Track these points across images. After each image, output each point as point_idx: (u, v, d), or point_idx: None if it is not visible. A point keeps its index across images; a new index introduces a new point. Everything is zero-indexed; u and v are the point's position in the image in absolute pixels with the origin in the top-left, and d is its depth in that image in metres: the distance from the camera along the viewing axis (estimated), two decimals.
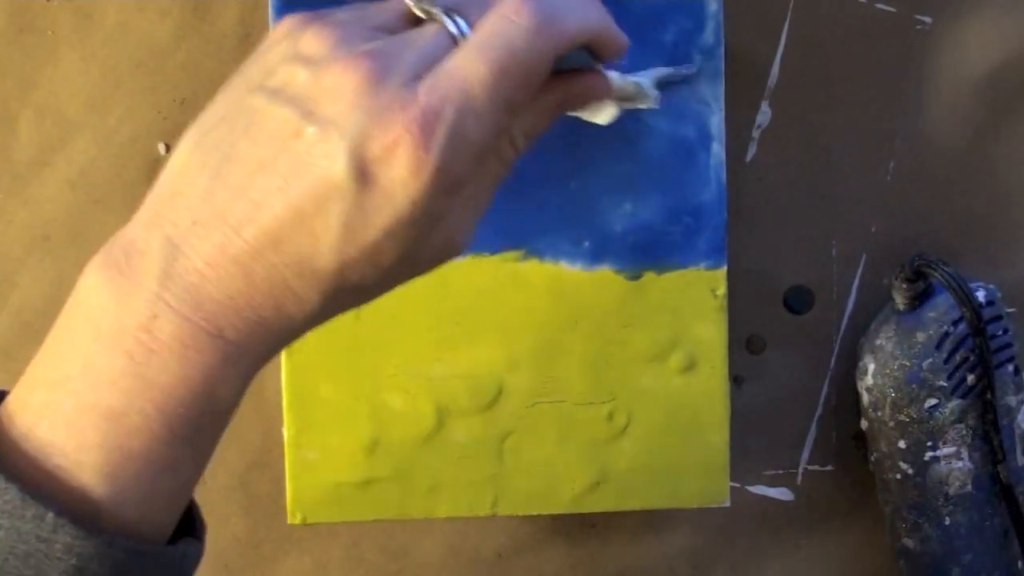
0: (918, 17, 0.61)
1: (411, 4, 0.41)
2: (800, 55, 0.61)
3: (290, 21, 0.41)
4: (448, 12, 0.40)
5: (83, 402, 0.38)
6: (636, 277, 0.57)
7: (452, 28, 0.40)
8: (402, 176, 0.37)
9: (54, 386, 0.38)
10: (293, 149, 0.37)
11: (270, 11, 0.55)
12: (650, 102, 0.52)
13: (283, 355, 0.56)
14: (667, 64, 0.56)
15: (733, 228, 0.59)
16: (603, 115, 0.50)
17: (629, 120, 0.56)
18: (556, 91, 0.43)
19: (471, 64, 0.38)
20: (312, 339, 0.55)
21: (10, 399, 0.39)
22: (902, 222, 0.62)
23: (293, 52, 0.39)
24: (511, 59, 0.38)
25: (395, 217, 0.38)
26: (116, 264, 0.38)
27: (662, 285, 0.57)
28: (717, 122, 0.56)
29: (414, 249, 0.39)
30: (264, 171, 0.38)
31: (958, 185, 0.62)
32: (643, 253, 0.57)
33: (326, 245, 0.38)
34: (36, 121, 0.59)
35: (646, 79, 0.53)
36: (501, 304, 0.57)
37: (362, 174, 0.37)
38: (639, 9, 0.55)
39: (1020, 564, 0.61)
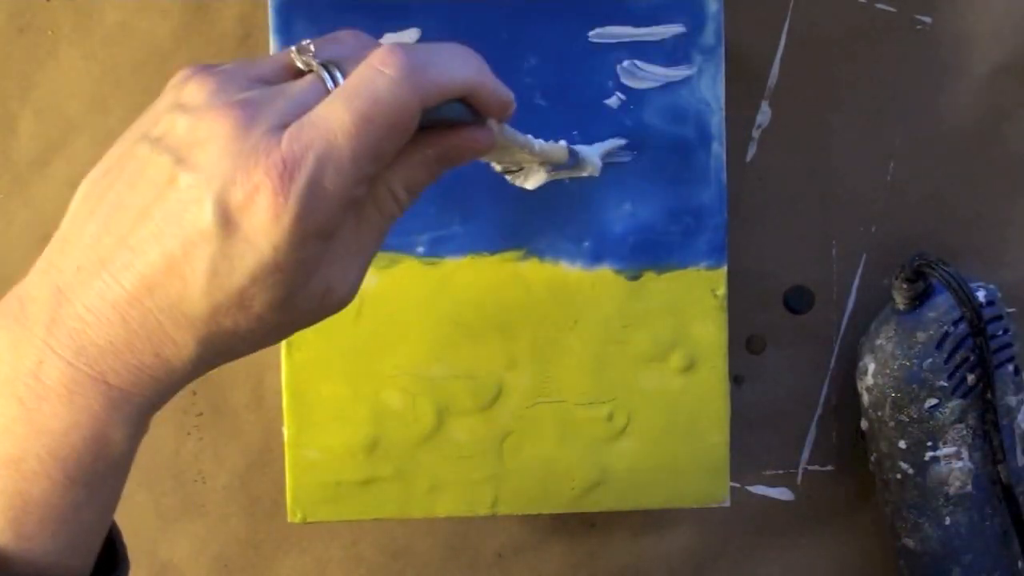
0: (918, 17, 0.61)
1: (293, 56, 0.42)
2: (800, 55, 0.61)
3: (180, 72, 0.42)
4: (327, 64, 0.41)
5: None
6: (636, 277, 0.57)
7: (327, 79, 0.41)
8: (263, 222, 0.38)
9: None
10: (168, 196, 0.38)
11: (270, 11, 0.55)
12: (591, 170, 0.54)
13: (283, 355, 0.56)
14: (668, 65, 0.56)
15: (733, 228, 0.59)
16: (531, 180, 0.52)
17: (629, 120, 0.56)
18: (433, 144, 0.43)
19: (335, 113, 0.39)
20: (312, 339, 0.56)
21: None
22: (902, 222, 0.62)
23: (176, 101, 0.40)
24: (374, 108, 0.39)
25: (259, 263, 0.38)
26: (11, 312, 0.39)
27: (662, 285, 0.57)
28: (717, 122, 0.56)
29: (286, 297, 0.40)
30: (143, 219, 0.39)
31: (958, 185, 0.62)
32: (643, 253, 0.57)
33: (196, 291, 0.38)
34: (36, 121, 0.59)
35: (587, 148, 0.54)
36: (501, 304, 0.57)
37: (226, 220, 0.38)
38: (639, 9, 0.55)
39: (1020, 564, 0.61)
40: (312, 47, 0.42)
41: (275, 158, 0.38)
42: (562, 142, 0.52)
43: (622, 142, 0.56)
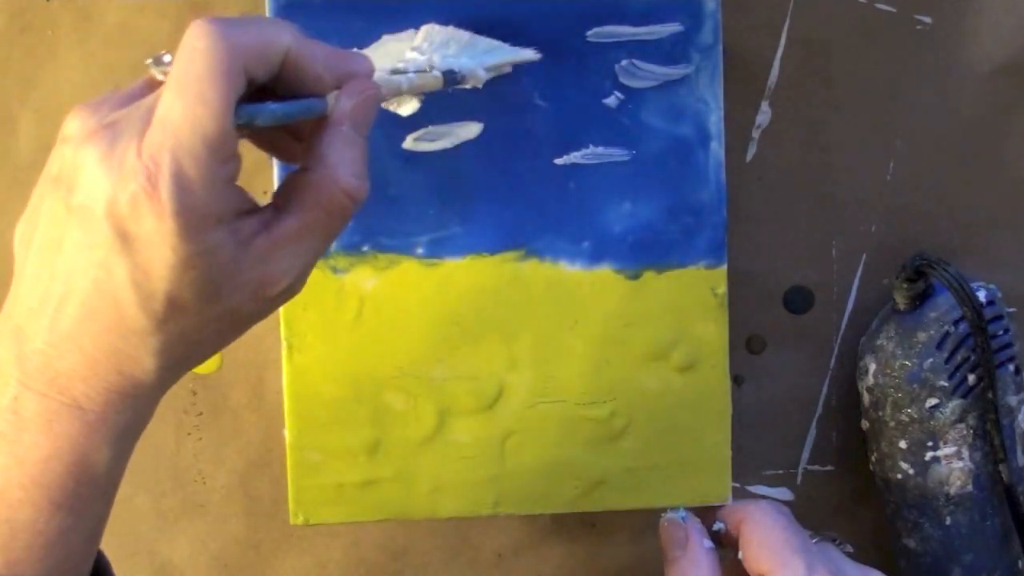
0: (918, 17, 0.61)
1: (151, 68, 0.43)
2: (800, 55, 0.61)
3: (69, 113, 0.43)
4: None
5: None
6: (636, 276, 0.57)
7: (162, 77, 0.43)
8: (152, 225, 0.39)
9: None
10: (71, 225, 0.40)
11: (268, 12, 0.55)
12: (475, 82, 0.53)
13: (284, 357, 0.56)
14: (666, 64, 0.56)
15: (733, 228, 0.59)
16: (404, 108, 0.53)
17: (628, 120, 0.56)
18: (341, 119, 0.44)
19: (171, 103, 0.40)
20: (313, 341, 0.56)
21: None
22: (902, 222, 0.62)
23: (61, 136, 0.42)
24: (200, 86, 0.40)
25: (165, 264, 0.40)
26: None
27: (662, 284, 0.57)
28: (716, 121, 0.56)
29: (213, 289, 0.41)
30: (61, 251, 0.41)
31: (958, 185, 0.62)
32: (643, 252, 0.57)
33: (129, 306, 0.40)
34: (36, 121, 0.59)
35: (470, 62, 0.54)
36: (501, 304, 0.57)
37: (122, 234, 0.39)
38: (637, 8, 0.55)
39: (1021, 564, 0.61)
40: (167, 57, 0.43)
41: (139, 165, 0.39)
42: (435, 71, 0.52)
43: (533, 56, 0.55)
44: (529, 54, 0.55)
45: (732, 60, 0.58)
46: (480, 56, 0.54)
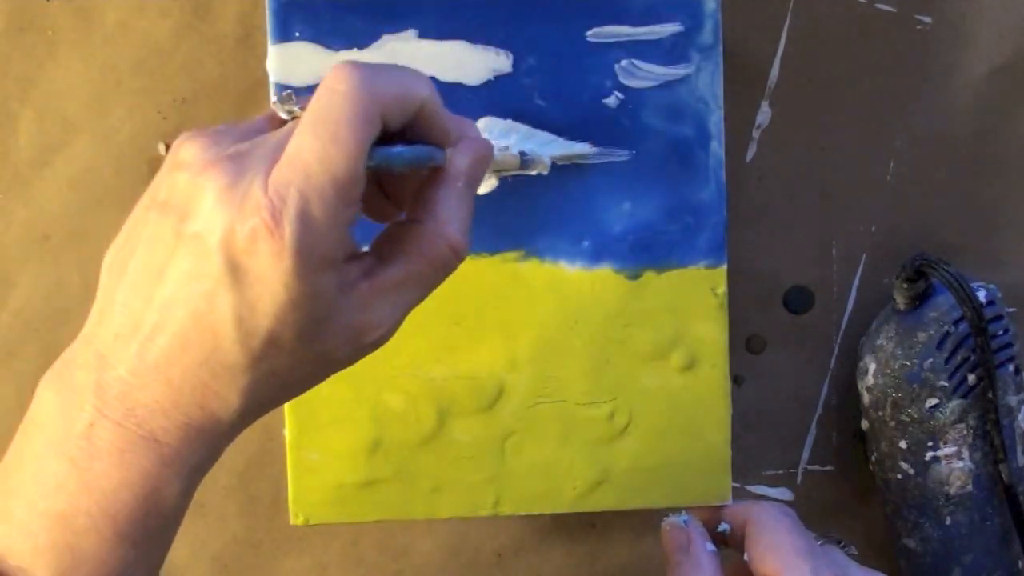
0: (918, 17, 0.61)
1: (276, 106, 0.43)
2: (800, 55, 0.61)
3: (179, 137, 0.43)
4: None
5: (34, 507, 0.40)
6: (636, 276, 0.57)
7: (285, 116, 0.43)
8: (269, 262, 0.39)
9: (10, 494, 0.41)
10: (178, 254, 0.40)
11: (268, 13, 0.55)
12: (541, 169, 0.54)
13: None
14: (666, 64, 0.56)
15: (733, 228, 0.59)
16: (483, 187, 0.54)
17: (628, 120, 0.56)
18: (454, 176, 0.44)
19: (305, 142, 0.40)
20: None
21: None
22: (902, 222, 0.62)
23: (174, 162, 0.42)
24: (337, 129, 0.40)
25: (275, 302, 0.39)
26: (61, 378, 0.41)
27: (662, 284, 0.57)
28: (716, 121, 0.56)
29: (313, 332, 0.41)
30: (162, 279, 0.40)
31: (958, 185, 0.62)
32: (643, 252, 0.57)
33: (227, 340, 0.40)
34: (36, 121, 0.59)
35: (538, 148, 0.55)
36: (501, 304, 0.57)
37: (235, 267, 0.39)
38: (637, 8, 0.55)
39: (1021, 564, 0.61)
40: (294, 96, 0.43)
41: (264, 200, 0.39)
42: (514, 148, 0.53)
43: (589, 150, 0.56)
44: (585, 148, 0.56)
45: (732, 60, 0.58)
46: (542, 147, 0.55)
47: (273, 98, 0.43)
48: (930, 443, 0.59)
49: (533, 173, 0.55)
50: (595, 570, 0.63)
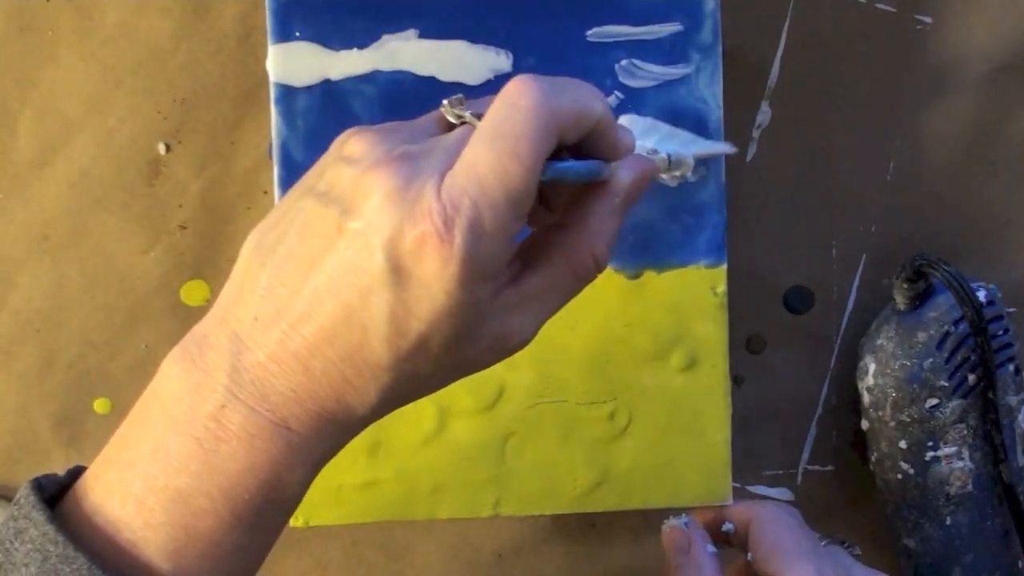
0: (918, 17, 0.61)
1: (445, 110, 0.43)
2: (800, 55, 0.61)
3: (345, 132, 0.43)
4: (478, 116, 0.42)
5: (153, 483, 0.40)
6: (636, 276, 0.57)
7: (455, 120, 0.43)
8: (434, 268, 0.39)
9: (127, 466, 0.41)
10: (337, 247, 0.40)
11: (268, 13, 0.55)
12: (684, 171, 0.54)
13: None
14: (666, 63, 0.56)
15: (733, 228, 0.59)
16: None
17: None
18: (617, 192, 0.44)
19: (481, 155, 0.40)
20: None
21: (86, 475, 0.42)
22: (902, 222, 0.62)
23: (339, 155, 0.42)
24: (516, 144, 0.40)
25: (433, 308, 0.39)
26: (191, 357, 0.41)
27: (662, 284, 0.57)
28: (716, 120, 0.56)
29: (463, 338, 0.41)
30: (314, 269, 0.40)
31: (958, 185, 0.62)
32: (643, 252, 0.57)
33: (376, 338, 0.40)
34: (36, 121, 0.59)
35: (681, 148, 0.54)
36: None
37: (398, 268, 0.39)
38: (636, 8, 0.55)
39: (1021, 564, 0.61)
40: (464, 100, 0.43)
41: (437, 206, 0.39)
42: (662, 152, 0.52)
43: (730, 149, 0.56)
44: (726, 147, 0.56)
45: (732, 60, 0.58)
46: (685, 147, 0.55)
47: (445, 101, 0.43)
48: (930, 443, 0.59)
49: (677, 174, 0.54)
50: (595, 570, 0.63)
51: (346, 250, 0.39)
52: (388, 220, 0.39)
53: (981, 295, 0.58)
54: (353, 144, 0.42)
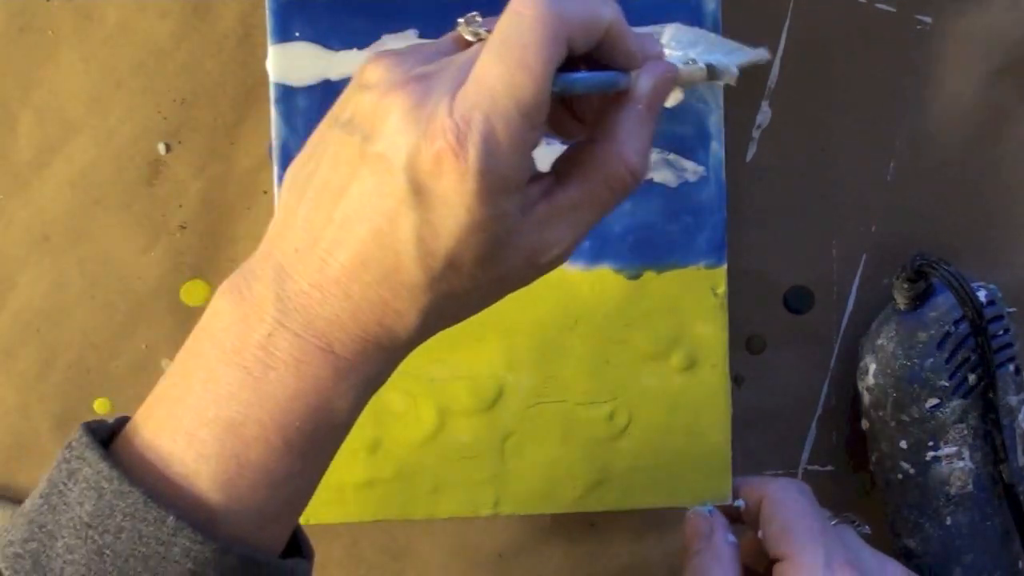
0: (918, 17, 0.61)
1: (461, 28, 0.43)
2: (800, 55, 0.61)
3: (365, 60, 0.43)
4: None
5: (203, 415, 0.41)
6: (636, 276, 0.57)
7: (471, 38, 0.43)
8: (452, 185, 0.39)
9: (176, 401, 0.42)
10: (361, 173, 0.40)
11: (268, 13, 0.55)
12: (728, 79, 0.52)
13: None
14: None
15: (733, 228, 0.59)
16: (670, 99, 0.52)
17: None
18: (635, 98, 0.44)
19: (490, 66, 0.40)
20: None
21: (136, 416, 0.43)
22: (902, 222, 0.62)
23: (359, 83, 0.42)
24: (524, 53, 0.40)
25: (458, 224, 0.40)
26: (238, 289, 0.42)
27: (662, 284, 0.57)
28: (716, 120, 0.56)
29: (493, 253, 0.41)
30: (343, 196, 0.40)
31: (958, 185, 0.62)
32: (643, 252, 0.57)
33: (408, 259, 0.40)
34: (36, 121, 0.59)
35: (724, 58, 0.53)
36: (501, 304, 0.57)
37: (419, 188, 0.39)
38: (637, 7, 0.55)
39: (1021, 564, 0.61)
40: (479, 18, 0.43)
41: (449, 123, 0.39)
42: (700, 60, 0.51)
43: (767, 56, 0.54)
44: (763, 53, 0.54)
45: None
46: (728, 55, 0.53)
47: (460, 19, 0.43)
48: (930, 443, 0.59)
49: (722, 83, 0.53)
50: (595, 570, 0.63)
51: (370, 175, 0.40)
52: (405, 141, 0.39)
53: (981, 295, 0.58)
54: (371, 70, 0.42)
